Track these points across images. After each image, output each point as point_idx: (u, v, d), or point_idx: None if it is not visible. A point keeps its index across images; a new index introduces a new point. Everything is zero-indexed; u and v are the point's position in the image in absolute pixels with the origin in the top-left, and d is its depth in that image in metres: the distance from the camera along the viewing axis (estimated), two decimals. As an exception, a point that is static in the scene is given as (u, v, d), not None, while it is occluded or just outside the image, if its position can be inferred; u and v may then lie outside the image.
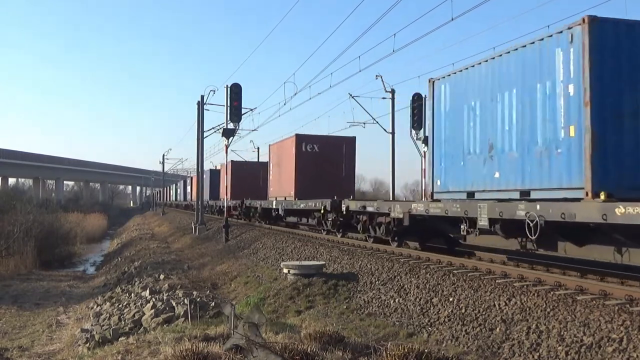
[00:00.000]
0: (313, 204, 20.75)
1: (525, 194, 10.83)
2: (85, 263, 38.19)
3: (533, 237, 9.86)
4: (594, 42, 9.42)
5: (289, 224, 27.53)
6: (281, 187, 27.07)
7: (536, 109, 10.60)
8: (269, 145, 30.48)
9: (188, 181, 66.40)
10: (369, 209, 16.36)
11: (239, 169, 40.13)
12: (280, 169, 27.58)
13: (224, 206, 36.89)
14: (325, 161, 25.42)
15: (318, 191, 22.77)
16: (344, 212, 18.02)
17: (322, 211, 19.69)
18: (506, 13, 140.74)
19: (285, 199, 25.78)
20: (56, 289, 25.21)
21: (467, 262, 12.47)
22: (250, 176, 38.32)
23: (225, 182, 31.74)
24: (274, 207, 26.51)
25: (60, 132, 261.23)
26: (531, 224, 9.85)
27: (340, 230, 19.63)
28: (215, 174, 47.31)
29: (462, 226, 12.32)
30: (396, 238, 15.66)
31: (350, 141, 26.91)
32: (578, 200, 9.44)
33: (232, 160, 40.04)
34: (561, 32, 10.07)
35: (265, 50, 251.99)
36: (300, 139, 25.62)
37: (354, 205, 17.53)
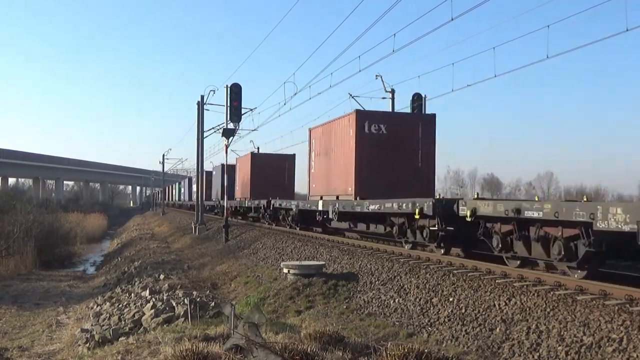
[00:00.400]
0: (396, 206, 14.74)
1: None
2: (85, 263, 38.19)
3: None
4: None
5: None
6: (331, 183, 21.19)
7: None
8: (309, 129, 23.84)
9: (194, 180, 63.44)
10: (531, 214, 10.29)
11: (260, 162, 33.97)
12: (330, 159, 21.33)
13: (242, 207, 33.51)
14: (396, 147, 19.20)
15: (387, 187, 18.18)
16: (468, 218, 12.00)
17: (416, 215, 13.68)
18: (506, 13, 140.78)
19: (337, 198, 20.04)
20: (56, 289, 25.21)
21: (467, 262, 12.47)
22: (274, 171, 33.02)
23: (224, 181, 31.42)
24: (321, 209, 20.32)
25: (60, 132, 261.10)
26: None
27: (442, 245, 13.90)
28: (229, 170, 41.80)
29: None
30: (587, 266, 9.91)
31: (429, 120, 20.12)
32: None
33: (251, 152, 35.25)
34: None
35: (265, 50, 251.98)
36: (362, 116, 19.29)
37: (490, 208, 11.39)
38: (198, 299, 14.33)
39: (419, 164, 19.47)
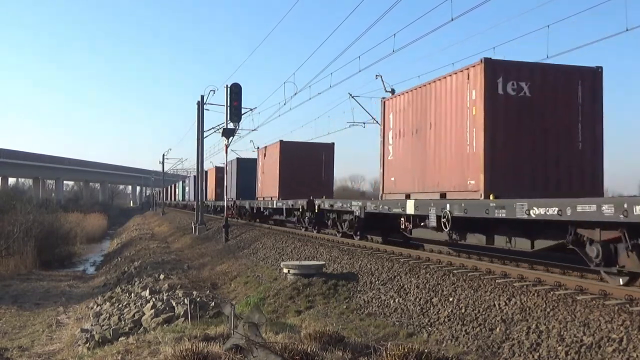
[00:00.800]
0: (609, 210, 8.25)
1: None
2: (85, 263, 38.19)
3: None
4: None
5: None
6: (428, 174, 14.94)
7: None
8: (383, 101, 17.80)
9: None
10: None
11: (292, 153, 27.92)
12: (425, 140, 15.01)
13: (267, 208, 29.32)
14: (545, 117, 12.97)
15: (534, 180, 12.85)
16: None
17: None
18: (506, 13, 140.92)
19: (443, 196, 13.95)
20: (56, 289, 25.21)
21: (467, 262, 12.47)
22: (309, 164, 27.85)
23: (227, 179, 31.38)
24: (412, 212, 14.15)
25: (61, 132, 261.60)
26: None
27: None
28: (247, 164, 35.69)
29: None
30: None
31: (592, 76, 13.34)
32: None
33: (280, 141, 28.89)
34: None
35: (265, 50, 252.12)
36: (494, 68, 12.72)
37: None
38: (198, 299, 14.33)
39: (579, 144, 13.16)
